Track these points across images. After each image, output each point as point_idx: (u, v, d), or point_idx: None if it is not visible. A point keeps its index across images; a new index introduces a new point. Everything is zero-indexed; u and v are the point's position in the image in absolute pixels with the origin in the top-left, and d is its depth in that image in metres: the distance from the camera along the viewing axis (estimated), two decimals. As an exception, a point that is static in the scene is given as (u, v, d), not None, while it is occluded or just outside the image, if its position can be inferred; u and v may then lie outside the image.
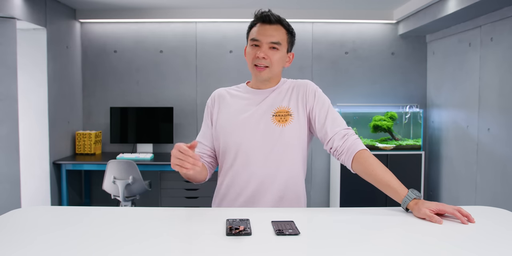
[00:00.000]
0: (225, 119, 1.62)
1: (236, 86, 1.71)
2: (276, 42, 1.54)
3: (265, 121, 1.57)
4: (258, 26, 1.56)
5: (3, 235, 1.19)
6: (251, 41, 1.57)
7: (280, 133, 1.56)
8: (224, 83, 1.76)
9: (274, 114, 1.58)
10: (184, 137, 4.38)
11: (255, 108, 1.60)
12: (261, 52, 1.53)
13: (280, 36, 1.56)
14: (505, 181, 3.15)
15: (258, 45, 1.55)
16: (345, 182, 4.08)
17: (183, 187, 4.08)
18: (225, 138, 1.60)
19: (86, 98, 4.46)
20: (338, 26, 4.45)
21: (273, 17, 1.55)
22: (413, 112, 4.34)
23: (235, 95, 1.66)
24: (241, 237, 1.16)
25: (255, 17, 1.58)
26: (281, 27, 1.56)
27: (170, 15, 4.29)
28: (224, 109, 1.64)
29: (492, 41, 3.32)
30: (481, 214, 1.42)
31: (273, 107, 1.59)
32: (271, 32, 1.54)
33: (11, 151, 3.28)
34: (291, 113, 1.58)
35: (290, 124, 1.57)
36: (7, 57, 3.25)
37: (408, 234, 1.22)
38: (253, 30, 1.58)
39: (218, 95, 1.69)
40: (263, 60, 1.54)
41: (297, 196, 1.62)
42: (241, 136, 1.57)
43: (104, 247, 1.10)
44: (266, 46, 1.54)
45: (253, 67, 1.57)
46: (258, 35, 1.54)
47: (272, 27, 1.55)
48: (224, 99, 1.66)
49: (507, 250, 1.09)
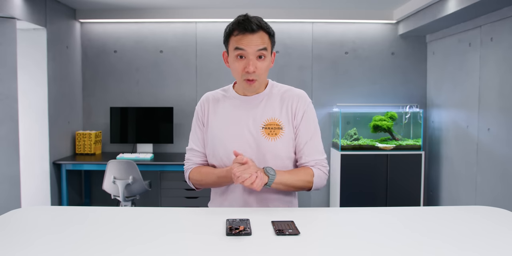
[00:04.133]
0: (214, 129, 1.60)
1: (223, 90, 1.66)
2: (263, 49, 1.48)
3: (254, 133, 1.55)
4: (240, 36, 1.47)
5: (3, 235, 1.19)
6: (235, 51, 1.48)
7: (270, 147, 1.54)
8: (224, 83, 1.75)
9: (264, 127, 1.55)
10: (184, 137, 4.37)
11: (245, 118, 1.57)
12: (251, 66, 1.46)
13: (265, 42, 1.49)
14: (505, 181, 3.15)
15: (243, 56, 1.48)
16: (345, 182, 4.08)
17: (183, 187, 4.08)
18: (214, 150, 1.59)
19: (86, 98, 4.46)
20: (338, 26, 4.45)
21: (254, 25, 1.46)
22: (413, 112, 4.34)
23: (223, 102, 1.62)
24: (241, 237, 1.16)
25: (234, 25, 1.48)
26: (263, 33, 1.49)
27: (170, 15, 4.29)
28: (213, 119, 1.61)
29: (492, 41, 3.32)
30: (481, 214, 1.42)
31: (263, 118, 1.56)
32: (256, 41, 1.46)
33: (11, 151, 3.28)
34: (281, 126, 1.56)
35: (281, 138, 1.55)
36: (7, 57, 3.25)
37: (408, 234, 1.22)
38: (233, 39, 1.49)
39: (206, 101, 1.65)
40: (253, 74, 1.48)
41: (289, 201, 1.63)
42: (230, 149, 1.53)
43: (104, 247, 1.10)
44: (252, 57, 1.47)
45: (243, 80, 1.51)
46: (243, 46, 1.46)
47: (255, 35, 1.46)
48: (213, 107, 1.62)
49: (507, 250, 1.09)
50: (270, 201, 1.58)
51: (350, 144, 4.16)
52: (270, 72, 1.72)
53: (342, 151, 4.08)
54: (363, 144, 4.15)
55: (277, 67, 4.40)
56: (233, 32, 1.49)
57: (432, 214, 1.47)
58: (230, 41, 1.51)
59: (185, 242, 1.15)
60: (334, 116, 4.42)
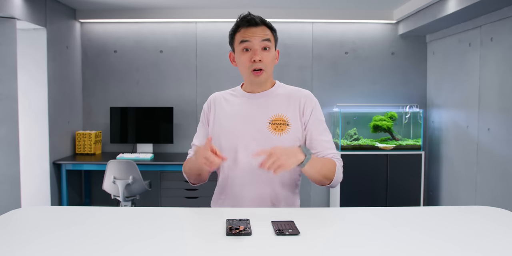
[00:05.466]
0: (221, 125, 1.61)
1: (232, 90, 1.70)
2: (267, 39, 1.55)
3: (261, 129, 1.56)
4: (244, 30, 1.55)
5: (3, 235, 1.19)
6: (241, 44, 1.55)
7: (276, 142, 1.54)
8: (224, 83, 1.76)
9: (270, 122, 1.57)
10: (184, 137, 4.37)
11: (251, 114, 1.59)
12: (257, 55, 1.53)
13: (268, 34, 1.56)
14: (505, 181, 3.15)
15: (249, 49, 1.55)
16: (345, 182, 4.04)
17: (183, 187, 4.08)
18: (220, 145, 1.59)
19: (86, 98, 4.46)
20: (338, 26, 4.45)
21: (258, 19, 1.55)
22: (413, 112, 4.34)
23: (231, 99, 1.65)
24: (241, 237, 1.16)
25: (238, 22, 1.57)
26: (266, 28, 1.57)
27: (170, 15, 4.29)
28: (220, 115, 1.63)
29: (492, 41, 3.32)
30: (481, 214, 1.42)
31: (270, 114, 1.58)
32: (259, 32, 1.54)
33: (11, 151, 3.28)
34: (288, 122, 1.57)
35: (287, 134, 1.56)
36: (7, 57, 3.25)
37: (408, 234, 1.22)
38: (238, 34, 1.57)
39: (214, 99, 1.68)
40: (259, 63, 1.54)
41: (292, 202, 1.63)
42: (236, 144, 1.56)
43: (104, 247, 1.10)
44: (258, 47, 1.54)
45: (250, 73, 1.56)
46: (248, 37, 1.54)
47: (259, 28, 1.55)
48: (220, 104, 1.65)
49: (507, 250, 1.09)
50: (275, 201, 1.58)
51: (350, 144, 4.16)
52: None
53: (342, 151, 4.08)
54: (363, 144, 4.15)
55: (277, 67, 4.36)
56: (238, 28, 1.57)
57: (432, 214, 1.47)
58: (236, 37, 1.58)
59: (185, 242, 1.15)
60: (334, 116, 4.42)
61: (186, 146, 1.75)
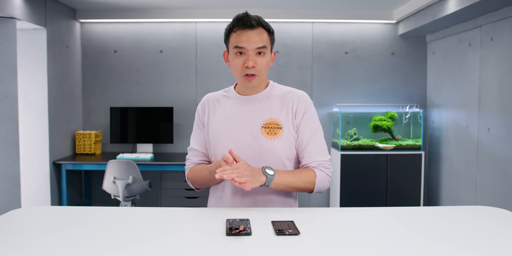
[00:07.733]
0: (214, 128, 1.60)
1: (224, 91, 1.67)
2: (262, 47, 1.49)
3: (254, 133, 1.54)
4: (239, 32, 1.49)
5: (3, 235, 1.19)
6: (235, 49, 1.50)
7: (269, 146, 1.53)
8: (224, 83, 1.76)
9: (263, 126, 1.54)
10: (184, 137, 4.37)
11: (244, 117, 1.57)
12: (250, 61, 1.48)
13: (264, 39, 1.50)
14: (505, 181, 3.15)
15: (243, 53, 1.50)
16: (345, 182, 4.08)
17: (183, 187, 4.08)
18: (215, 149, 1.59)
19: (86, 98, 4.46)
20: (338, 26, 4.45)
21: (254, 21, 1.48)
22: (413, 112, 4.34)
23: (224, 102, 1.62)
24: (241, 237, 1.16)
25: (234, 22, 1.51)
26: (263, 30, 1.51)
27: (170, 15, 4.29)
28: (213, 119, 1.61)
29: (492, 41, 3.32)
30: (481, 214, 1.42)
31: (263, 117, 1.55)
32: (254, 37, 1.48)
33: (11, 151, 3.28)
34: (281, 126, 1.55)
35: (280, 138, 1.54)
36: (7, 57, 3.25)
37: (408, 234, 1.22)
38: (233, 36, 1.51)
39: (207, 102, 1.65)
40: (252, 69, 1.50)
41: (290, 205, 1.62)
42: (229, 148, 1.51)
43: (104, 247, 1.10)
44: (252, 53, 1.49)
45: (242, 77, 1.52)
46: (242, 43, 1.48)
47: (254, 32, 1.48)
48: (214, 107, 1.63)
49: (507, 250, 1.09)
50: (269, 204, 1.57)
51: (350, 144, 4.16)
52: (270, 72, 1.72)
53: (342, 151, 4.08)
54: (363, 144, 4.15)
55: (277, 67, 4.40)
56: (233, 28, 1.51)
57: (432, 214, 1.47)
58: (230, 38, 1.53)
59: (185, 242, 1.15)
60: (334, 116, 4.42)
61: (186, 146, 1.74)
